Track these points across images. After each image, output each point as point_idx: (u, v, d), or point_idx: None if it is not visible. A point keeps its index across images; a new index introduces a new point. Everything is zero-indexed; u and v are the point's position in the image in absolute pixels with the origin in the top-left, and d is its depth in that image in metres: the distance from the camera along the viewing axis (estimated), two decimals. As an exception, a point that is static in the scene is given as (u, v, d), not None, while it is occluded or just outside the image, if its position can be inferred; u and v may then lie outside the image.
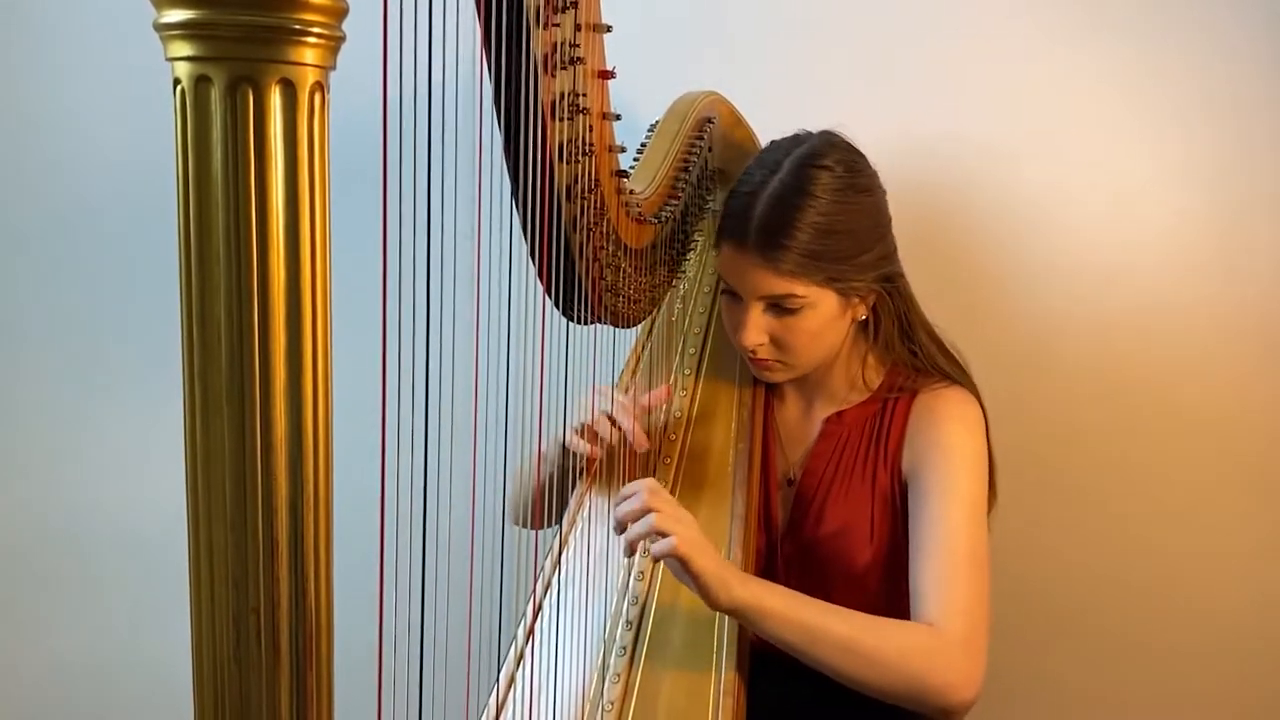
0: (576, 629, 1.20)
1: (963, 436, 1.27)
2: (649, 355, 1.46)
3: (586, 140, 1.04)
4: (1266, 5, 1.57)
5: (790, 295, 1.23)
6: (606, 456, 1.29)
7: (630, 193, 1.19)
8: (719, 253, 1.29)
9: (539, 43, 0.93)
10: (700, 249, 1.57)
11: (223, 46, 0.56)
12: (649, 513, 1.07)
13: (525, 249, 1.02)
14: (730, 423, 1.37)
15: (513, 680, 1.16)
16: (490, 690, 1.15)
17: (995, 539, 1.27)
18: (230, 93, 0.56)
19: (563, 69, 0.98)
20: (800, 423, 1.40)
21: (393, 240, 0.70)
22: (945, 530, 1.20)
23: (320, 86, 0.59)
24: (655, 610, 1.21)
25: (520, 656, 1.18)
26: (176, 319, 0.60)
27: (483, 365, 0.94)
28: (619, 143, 1.14)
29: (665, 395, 1.36)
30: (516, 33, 0.90)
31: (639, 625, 1.20)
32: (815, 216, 1.21)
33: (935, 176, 1.40)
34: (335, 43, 0.59)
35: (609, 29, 1.05)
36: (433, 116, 0.75)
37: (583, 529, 1.28)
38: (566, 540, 1.27)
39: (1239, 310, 1.64)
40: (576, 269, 1.11)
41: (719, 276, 1.53)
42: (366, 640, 0.73)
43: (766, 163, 1.27)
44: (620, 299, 1.23)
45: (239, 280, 0.58)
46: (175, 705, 0.65)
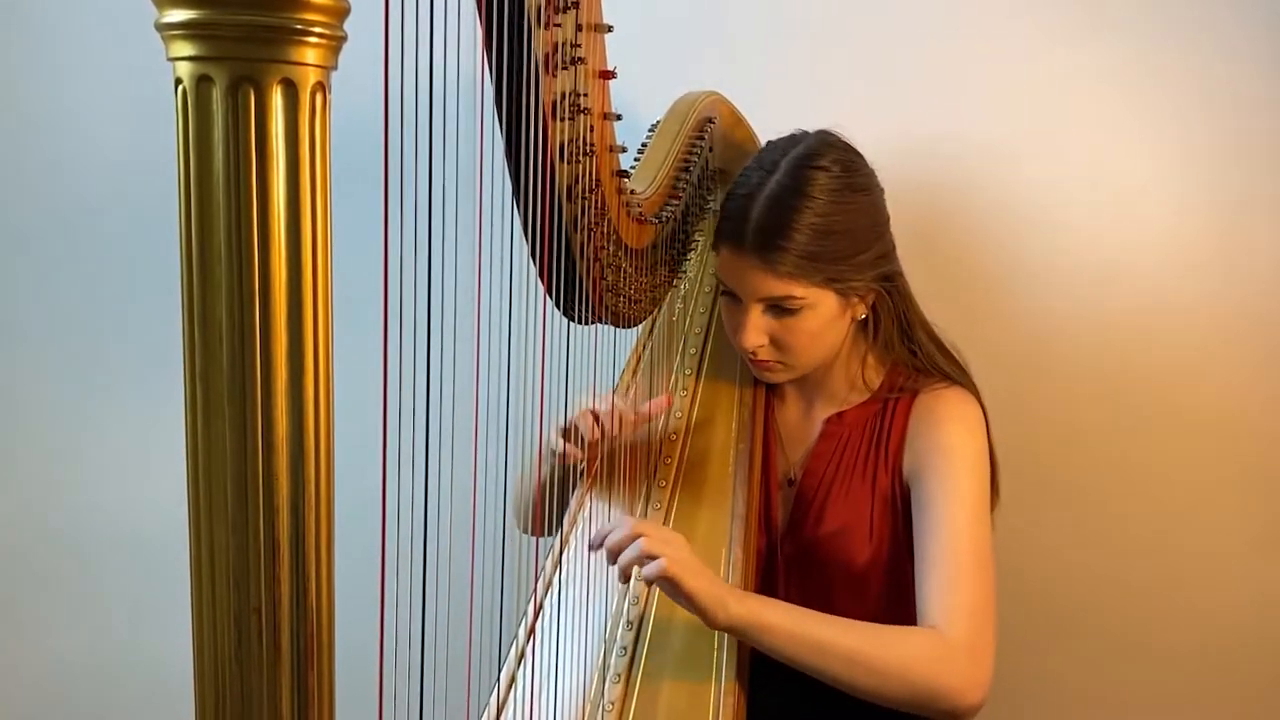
0: (577, 629, 1.20)
1: (964, 437, 1.27)
2: (650, 355, 1.46)
3: (587, 140, 1.04)
4: (1266, 5, 1.57)
5: (789, 297, 1.23)
6: (607, 455, 1.29)
7: (631, 193, 1.19)
8: (717, 255, 1.29)
9: (540, 43, 0.93)
10: (701, 249, 1.57)
11: (224, 46, 0.56)
12: (637, 538, 1.07)
13: (526, 249, 1.02)
14: (731, 423, 1.37)
15: (513, 680, 1.16)
16: (491, 690, 1.15)
17: (995, 539, 1.26)
18: (232, 93, 0.56)
19: (564, 69, 0.98)
20: (801, 423, 1.40)
21: (394, 240, 0.70)
22: (949, 532, 1.19)
23: (322, 86, 0.59)
24: (656, 610, 1.21)
25: (521, 656, 1.18)
26: (177, 319, 0.60)
27: (484, 365, 0.94)
28: (620, 143, 1.14)
29: (666, 404, 1.35)
30: (517, 33, 0.90)
31: (639, 625, 1.20)
32: (812, 217, 1.21)
33: (935, 176, 1.40)
34: (337, 43, 0.59)
35: (610, 29, 1.05)
36: (434, 116, 0.75)
37: (583, 529, 1.28)
38: (567, 540, 1.27)
39: (1239, 310, 1.64)
40: (577, 269, 1.11)
41: (719, 278, 1.54)
42: (368, 640, 0.73)
43: (763, 164, 1.27)
44: (621, 299, 1.23)
45: (240, 281, 0.58)
46: (176, 705, 0.65)
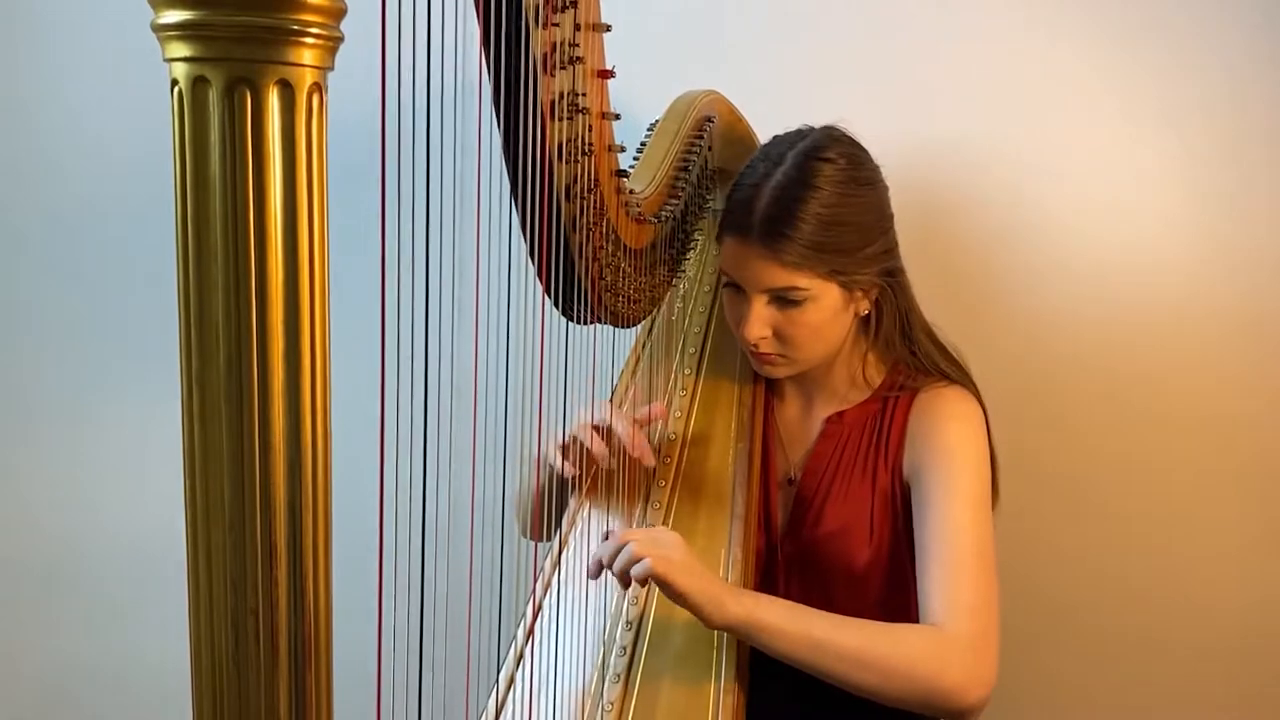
0: (576, 629, 1.20)
1: (964, 436, 1.27)
2: (649, 355, 1.46)
3: (586, 140, 1.04)
4: (1265, 5, 1.57)
5: (793, 287, 1.23)
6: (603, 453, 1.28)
7: (630, 192, 1.19)
8: (721, 245, 1.29)
9: (538, 42, 0.92)
10: (700, 248, 1.56)
11: (220, 47, 0.56)
12: (625, 545, 1.07)
13: (524, 249, 1.02)
14: (730, 422, 1.37)
15: (512, 680, 1.16)
16: (490, 691, 1.15)
17: (995, 537, 1.26)
18: (228, 94, 0.56)
19: (562, 69, 0.97)
20: (800, 422, 1.39)
21: (391, 241, 0.70)
22: (950, 530, 1.19)
23: (318, 87, 0.59)
24: (655, 610, 1.21)
25: (520, 657, 1.17)
26: (176, 320, 0.59)
27: (482, 365, 0.94)
28: (619, 142, 1.14)
29: (661, 413, 1.34)
30: (515, 32, 0.90)
31: (639, 625, 1.20)
32: (818, 208, 1.21)
33: (934, 175, 1.41)
34: (333, 43, 0.59)
35: (608, 28, 1.05)
36: (431, 117, 0.74)
37: (582, 529, 1.28)
38: (566, 541, 1.27)
39: (1238, 308, 1.64)
40: (576, 269, 1.11)
41: (719, 273, 1.53)
42: (366, 641, 0.73)
43: (770, 156, 1.27)
44: (620, 299, 1.23)
45: (237, 282, 0.58)
46: (175, 706, 0.65)
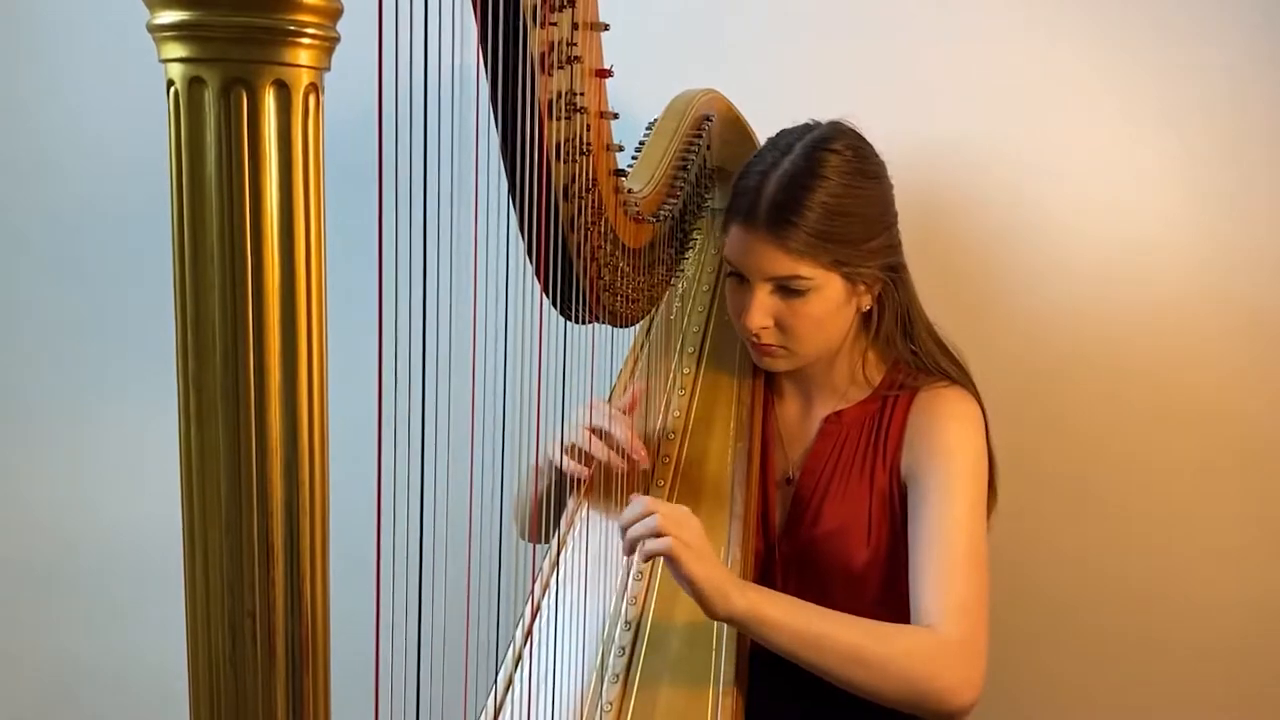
0: (575, 630, 1.20)
1: (962, 436, 1.27)
2: (647, 355, 1.46)
3: (584, 139, 1.04)
4: (1265, 5, 1.57)
5: (797, 276, 1.23)
6: (606, 458, 1.28)
7: (628, 191, 1.19)
8: (727, 233, 1.29)
9: (536, 41, 0.92)
10: (699, 247, 1.56)
11: (216, 48, 0.55)
12: (651, 515, 1.07)
13: (522, 249, 1.02)
14: (729, 421, 1.37)
15: (511, 681, 1.16)
16: (488, 692, 1.15)
17: (994, 535, 1.26)
18: (224, 94, 0.56)
19: (560, 68, 0.97)
20: (800, 422, 1.39)
21: (388, 241, 0.69)
22: (944, 531, 1.19)
23: (315, 88, 0.58)
24: (654, 610, 1.21)
25: (518, 658, 1.17)
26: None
27: (480, 365, 0.94)
28: (617, 141, 1.14)
29: (640, 391, 1.34)
30: (513, 31, 0.89)
31: (638, 625, 1.20)
32: (825, 197, 1.22)
33: (934, 175, 1.41)
34: (330, 43, 0.58)
35: (606, 27, 1.05)
36: (429, 116, 0.74)
37: (581, 530, 1.28)
38: (564, 541, 1.27)
39: (1239, 308, 1.64)
40: (574, 268, 1.11)
41: (718, 270, 1.53)
42: (363, 643, 0.73)
43: (778, 145, 1.29)
44: (618, 298, 1.23)
45: (233, 283, 0.58)
46: (174, 707, 0.65)
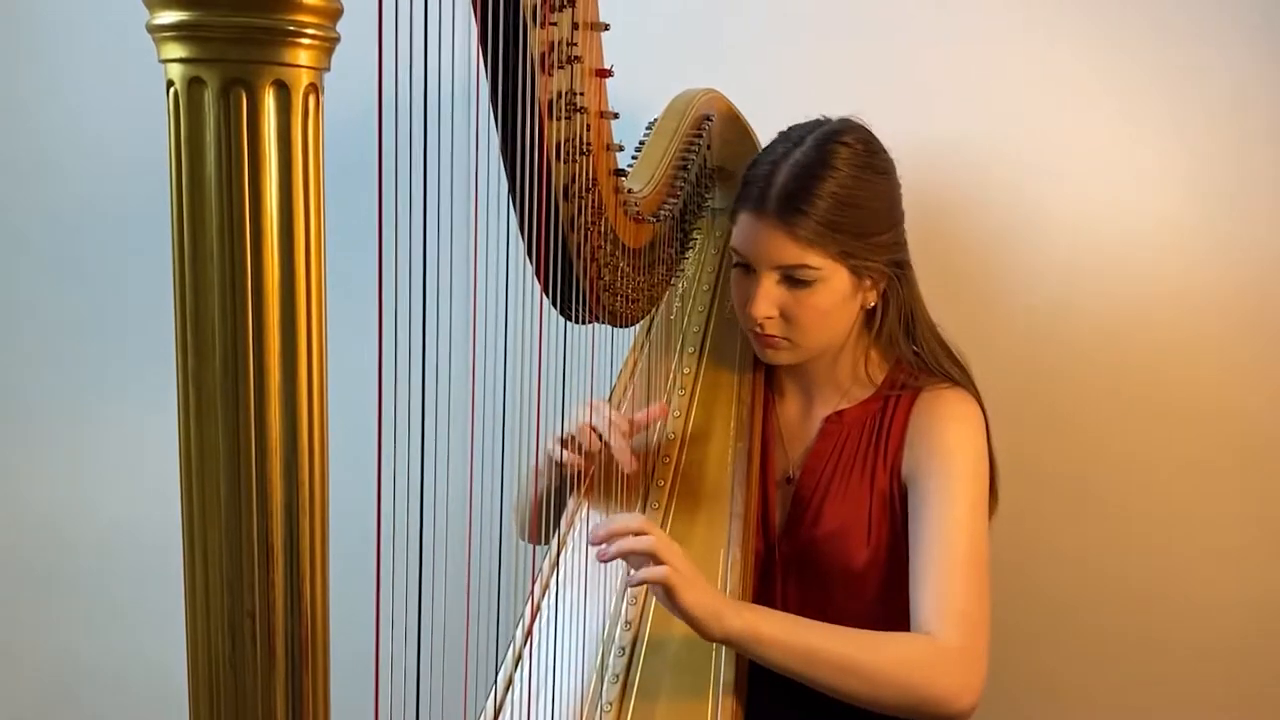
0: (575, 630, 1.20)
1: (964, 438, 1.27)
2: (647, 354, 1.46)
3: (584, 139, 1.04)
4: (1265, 5, 1.57)
5: (804, 266, 1.23)
6: (605, 458, 1.28)
7: (628, 191, 1.19)
8: (735, 222, 1.30)
9: (536, 41, 0.92)
10: (699, 247, 1.56)
11: (216, 48, 0.56)
12: (645, 535, 1.06)
13: (522, 248, 1.02)
14: (729, 421, 1.37)
15: (511, 681, 1.16)
16: (488, 692, 1.15)
17: (994, 535, 1.26)
18: (224, 95, 0.56)
19: (560, 68, 0.97)
20: (800, 421, 1.39)
21: (388, 241, 0.69)
22: (944, 534, 1.19)
23: (314, 88, 0.58)
24: (654, 611, 1.21)
25: (518, 658, 1.17)
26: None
27: (480, 365, 0.94)
28: (617, 141, 1.14)
29: (662, 413, 1.33)
30: (513, 31, 0.89)
31: (638, 625, 1.20)
32: (835, 187, 1.23)
33: (935, 176, 1.41)
34: (329, 44, 0.58)
35: (606, 27, 1.05)
36: (428, 116, 0.74)
37: (580, 530, 1.27)
38: (564, 542, 1.27)
39: (1239, 308, 1.64)
40: (574, 268, 1.11)
41: (718, 270, 1.53)
42: (363, 643, 0.73)
43: (790, 137, 1.30)
44: (618, 298, 1.23)
45: (233, 283, 0.58)
46: (174, 707, 0.65)
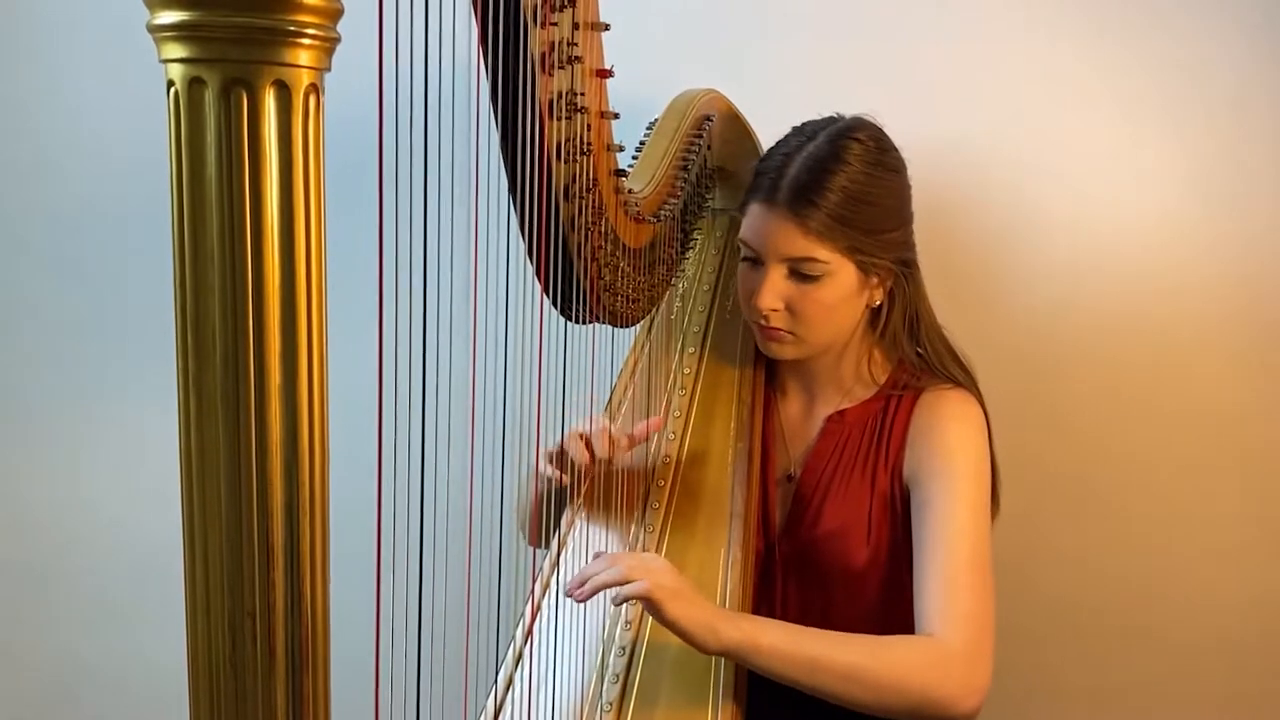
0: (575, 630, 1.20)
1: (966, 439, 1.27)
2: (648, 354, 1.46)
3: (584, 139, 1.04)
4: (1265, 5, 1.57)
5: (812, 259, 1.24)
6: (605, 459, 1.28)
7: (629, 191, 1.19)
8: (744, 213, 1.30)
9: (536, 41, 0.92)
10: (699, 247, 1.56)
11: (216, 48, 0.55)
12: (613, 567, 1.06)
13: (522, 249, 1.02)
14: (730, 421, 1.37)
15: (511, 681, 1.16)
16: (489, 692, 1.15)
17: (996, 534, 1.26)
18: (224, 95, 0.56)
19: (560, 68, 0.97)
20: (802, 420, 1.39)
21: (389, 241, 0.69)
22: (948, 536, 1.19)
23: (315, 88, 0.58)
24: None
25: (519, 657, 1.17)
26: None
27: (480, 365, 0.94)
28: (617, 141, 1.14)
29: (657, 426, 1.33)
30: (513, 32, 0.89)
31: (638, 625, 1.20)
32: (846, 181, 1.23)
33: (935, 176, 1.40)
34: (330, 44, 0.58)
35: (607, 27, 1.05)
36: (429, 116, 0.74)
37: (581, 529, 1.27)
38: (565, 541, 1.27)
39: (1239, 307, 1.64)
40: (574, 268, 1.11)
41: (718, 269, 1.53)
42: (364, 643, 0.73)
43: (803, 132, 1.31)
44: (619, 298, 1.23)
45: (233, 283, 0.58)
46: (174, 707, 0.64)
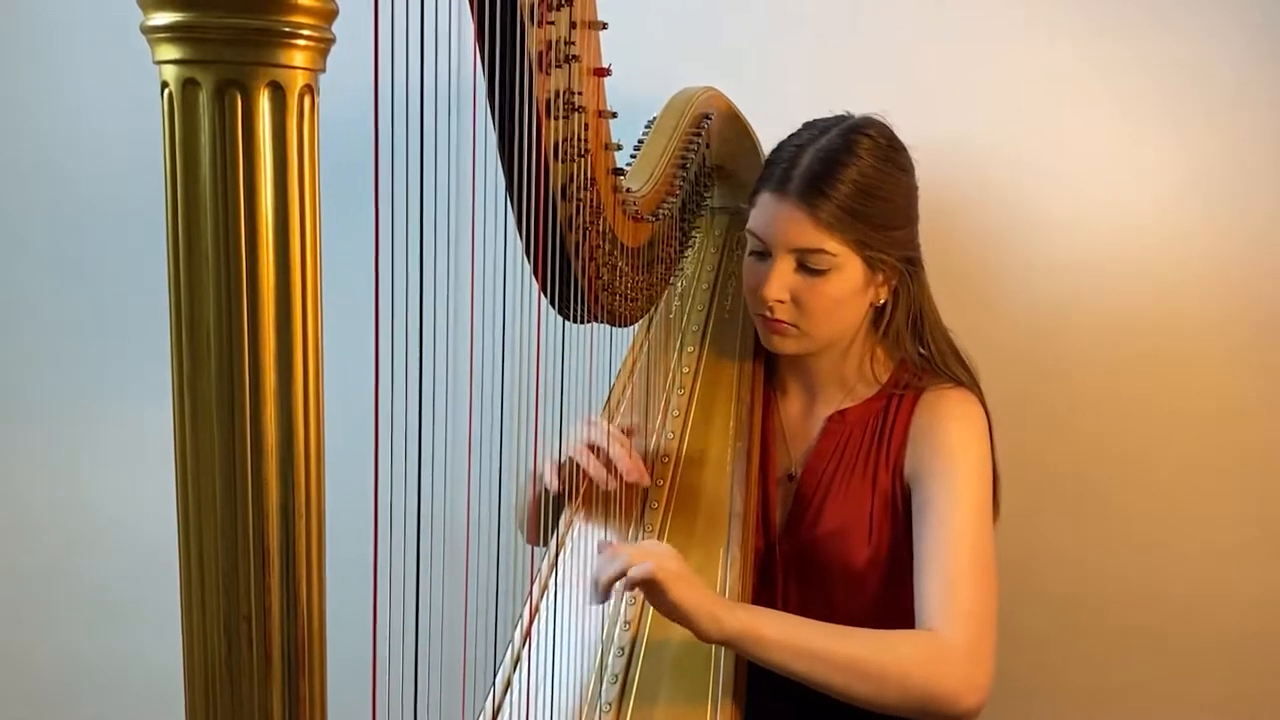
0: (573, 631, 1.19)
1: (967, 438, 1.27)
2: (647, 354, 1.45)
3: (582, 138, 1.03)
4: (1265, 5, 1.56)
5: (821, 251, 1.24)
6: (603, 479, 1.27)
7: (627, 190, 1.18)
8: (753, 204, 1.30)
9: (533, 40, 0.92)
10: (698, 246, 1.56)
11: (210, 49, 0.55)
12: (621, 555, 1.05)
13: (520, 248, 1.01)
14: (729, 420, 1.36)
15: (509, 683, 1.15)
16: (486, 695, 1.15)
17: (997, 533, 1.26)
18: (218, 96, 0.56)
19: (558, 67, 0.97)
20: (803, 419, 1.39)
21: (385, 242, 0.69)
22: (949, 534, 1.19)
23: (310, 89, 0.58)
24: (653, 611, 1.20)
25: (517, 659, 1.17)
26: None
27: (478, 365, 0.94)
28: (615, 140, 1.14)
29: (637, 427, 1.32)
30: (510, 31, 0.89)
31: (637, 625, 1.19)
32: (857, 175, 1.24)
33: (935, 176, 1.40)
34: (325, 45, 0.58)
35: (605, 26, 1.04)
36: (425, 116, 0.74)
37: (580, 530, 1.27)
38: (563, 542, 1.27)
39: (1240, 307, 1.63)
40: (573, 268, 1.11)
41: (717, 268, 1.53)
42: (361, 646, 0.73)
43: (815, 126, 1.31)
44: (617, 298, 1.23)
45: (228, 285, 0.58)
46: (175, 707, 0.64)
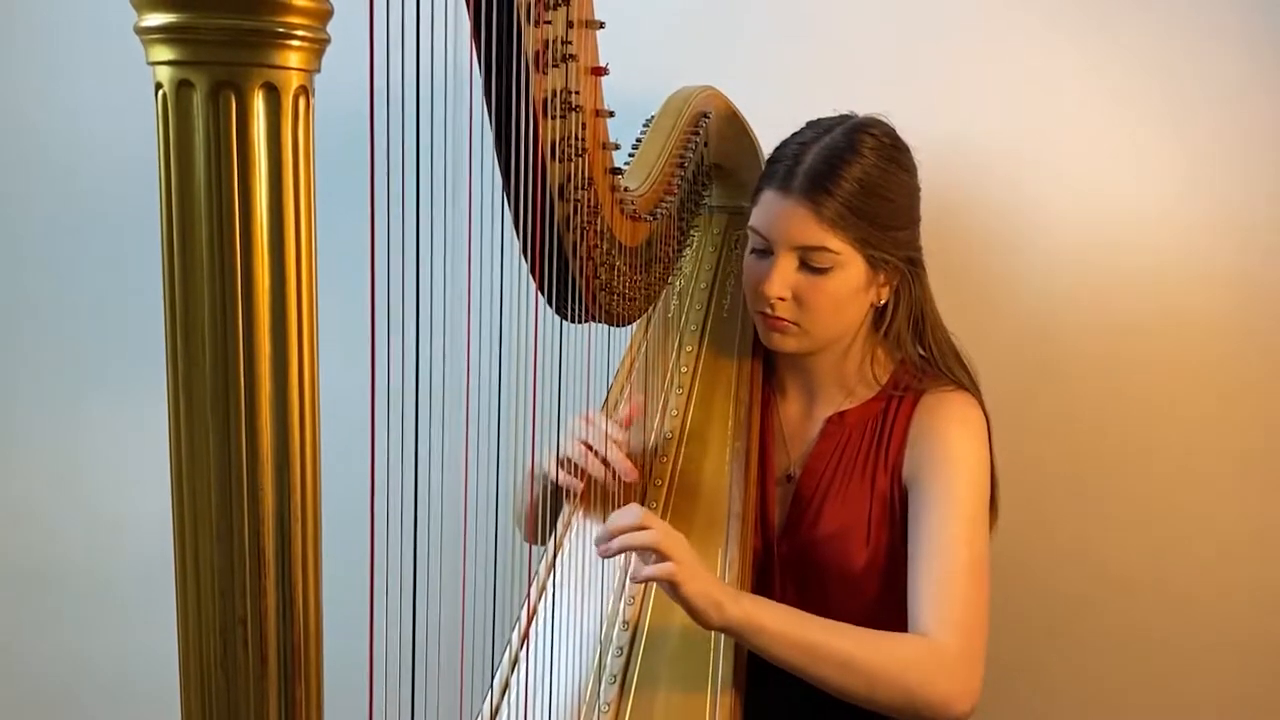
0: (572, 631, 1.19)
1: (965, 441, 1.27)
2: (645, 353, 1.45)
3: (579, 138, 1.03)
4: (1265, 5, 1.57)
5: (824, 249, 1.24)
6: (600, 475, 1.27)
7: (625, 190, 1.18)
8: (756, 202, 1.30)
9: (530, 40, 0.91)
10: (697, 245, 1.56)
11: (204, 50, 0.55)
12: (648, 530, 1.06)
13: (518, 248, 1.01)
14: (728, 420, 1.36)
15: (507, 685, 1.15)
16: (484, 696, 1.15)
17: (993, 534, 1.26)
18: (212, 97, 0.55)
19: (555, 66, 0.96)
20: (802, 420, 1.39)
21: (381, 242, 0.69)
22: (944, 539, 1.19)
23: (305, 90, 0.58)
24: (651, 612, 1.20)
25: (515, 660, 1.17)
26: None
27: (475, 365, 0.93)
28: (613, 139, 1.13)
29: (636, 410, 1.33)
30: (507, 30, 0.89)
31: (635, 627, 1.19)
32: (860, 173, 1.24)
33: (935, 176, 1.40)
34: (320, 45, 0.58)
35: (602, 25, 1.04)
36: (422, 116, 0.74)
37: (578, 531, 1.27)
38: (561, 543, 1.26)
39: (1241, 307, 1.64)
40: (570, 267, 1.10)
41: (716, 268, 1.53)
42: (357, 649, 0.72)
43: (818, 125, 1.31)
44: (615, 297, 1.22)
45: (223, 288, 0.57)
46: (172, 708, 0.64)
